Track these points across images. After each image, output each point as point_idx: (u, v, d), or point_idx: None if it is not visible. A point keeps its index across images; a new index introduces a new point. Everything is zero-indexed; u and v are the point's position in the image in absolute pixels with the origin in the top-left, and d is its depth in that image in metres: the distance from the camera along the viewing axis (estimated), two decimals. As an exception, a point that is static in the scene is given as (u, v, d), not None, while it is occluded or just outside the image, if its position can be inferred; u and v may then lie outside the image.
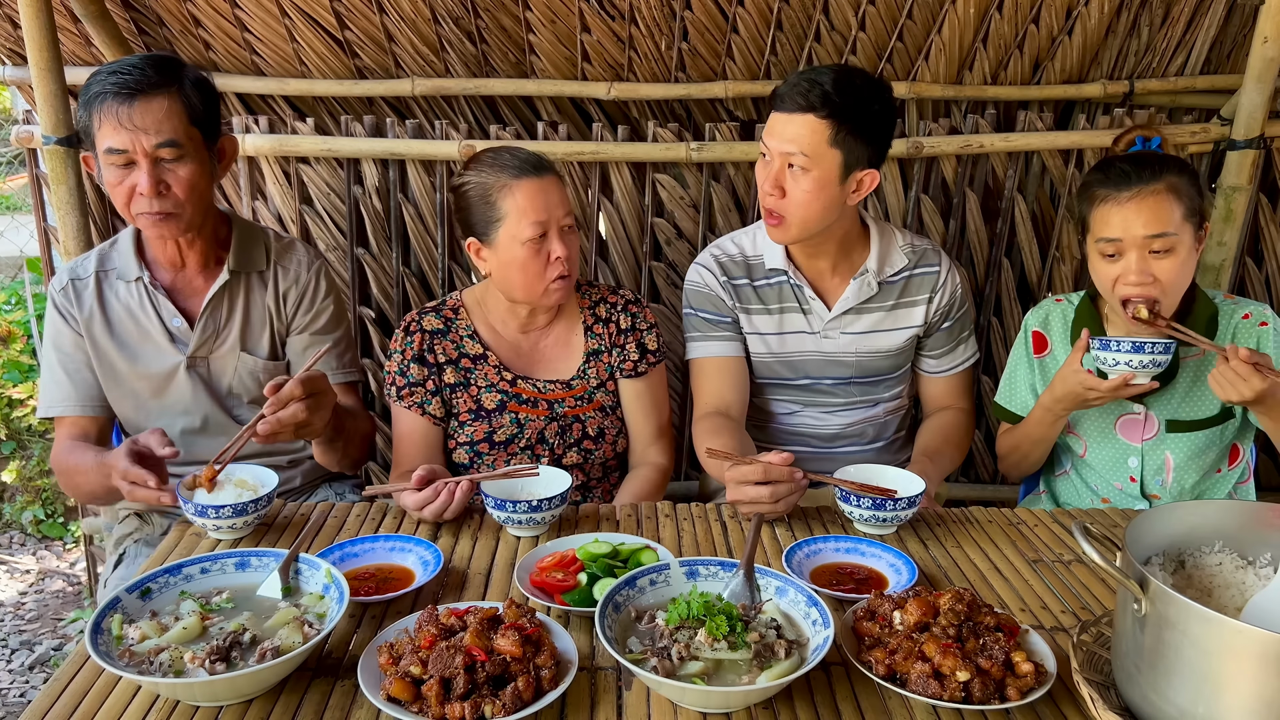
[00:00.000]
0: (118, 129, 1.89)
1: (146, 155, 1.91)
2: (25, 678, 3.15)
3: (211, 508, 1.70)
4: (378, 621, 1.48)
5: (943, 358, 2.29)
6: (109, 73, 1.92)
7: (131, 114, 1.89)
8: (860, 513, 1.78)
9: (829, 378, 2.24)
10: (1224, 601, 1.34)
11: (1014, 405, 2.20)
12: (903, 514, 1.78)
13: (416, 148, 2.83)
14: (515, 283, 2.02)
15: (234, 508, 1.71)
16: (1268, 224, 3.07)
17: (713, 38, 2.83)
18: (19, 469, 4.15)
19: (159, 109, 1.91)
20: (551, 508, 1.75)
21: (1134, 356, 1.84)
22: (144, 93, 1.89)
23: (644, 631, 1.37)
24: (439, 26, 2.78)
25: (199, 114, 1.97)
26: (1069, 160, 2.96)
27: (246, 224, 2.20)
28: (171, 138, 1.91)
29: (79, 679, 1.33)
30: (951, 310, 2.25)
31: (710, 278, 2.22)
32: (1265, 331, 1.99)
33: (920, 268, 2.21)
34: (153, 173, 1.92)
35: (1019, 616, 1.54)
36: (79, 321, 2.10)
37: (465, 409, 2.11)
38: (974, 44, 2.86)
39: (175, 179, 1.94)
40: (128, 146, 1.90)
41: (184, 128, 1.94)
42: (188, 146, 1.94)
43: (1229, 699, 1.12)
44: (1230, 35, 2.95)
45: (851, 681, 1.35)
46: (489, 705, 1.21)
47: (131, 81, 1.89)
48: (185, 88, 1.95)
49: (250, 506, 1.72)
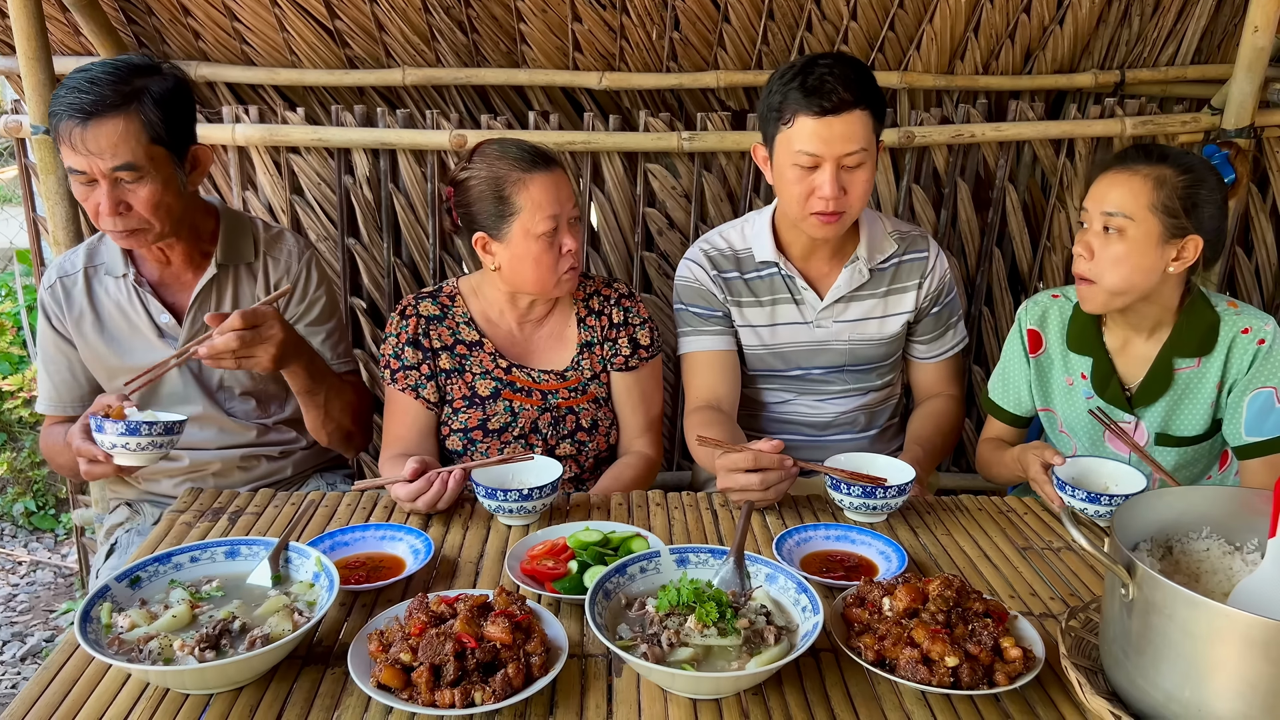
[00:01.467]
0: (74, 151, 1.84)
1: (104, 177, 1.85)
2: (17, 669, 3.14)
3: (108, 422, 1.74)
4: (368, 610, 1.48)
5: (932, 343, 2.29)
6: (70, 88, 1.84)
7: (85, 137, 1.82)
8: (851, 501, 1.78)
9: (820, 367, 2.24)
10: (1211, 587, 1.34)
11: (1007, 402, 2.18)
12: (893, 502, 1.78)
13: (407, 137, 2.83)
14: (528, 276, 2.01)
15: (127, 425, 1.74)
16: (1258, 214, 3.07)
17: (704, 27, 2.82)
18: (10, 461, 4.14)
19: (114, 132, 1.83)
20: (542, 496, 1.75)
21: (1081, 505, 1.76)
22: (98, 115, 1.82)
23: (634, 618, 1.38)
24: (430, 16, 2.77)
25: (160, 132, 1.88)
26: (1060, 150, 2.97)
27: (234, 215, 2.18)
28: (128, 160, 1.85)
29: (68, 668, 1.33)
30: (940, 295, 2.25)
31: (700, 272, 2.22)
32: (1261, 350, 1.90)
33: (910, 253, 2.22)
34: (112, 194, 1.87)
35: (1008, 603, 1.54)
36: (67, 321, 2.10)
37: (459, 395, 2.11)
38: (965, 33, 2.86)
39: (136, 199, 1.89)
40: (85, 169, 1.85)
41: (142, 149, 1.86)
42: (147, 166, 1.87)
43: (1216, 683, 1.13)
44: (1221, 25, 2.95)
45: (841, 667, 1.35)
46: (479, 692, 1.21)
47: (87, 103, 1.82)
48: (145, 105, 1.86)
49: (144, 428, 1.75)
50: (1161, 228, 1.82)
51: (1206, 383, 1.96)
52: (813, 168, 1.96)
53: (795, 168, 1.97)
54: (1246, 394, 1.92)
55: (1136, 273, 1.85)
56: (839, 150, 1.93)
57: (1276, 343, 1.90)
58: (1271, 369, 1.90)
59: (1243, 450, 1.95)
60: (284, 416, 2.25)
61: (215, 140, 2.82)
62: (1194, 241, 1.84)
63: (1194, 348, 1.94)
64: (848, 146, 1.93)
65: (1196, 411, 1.99)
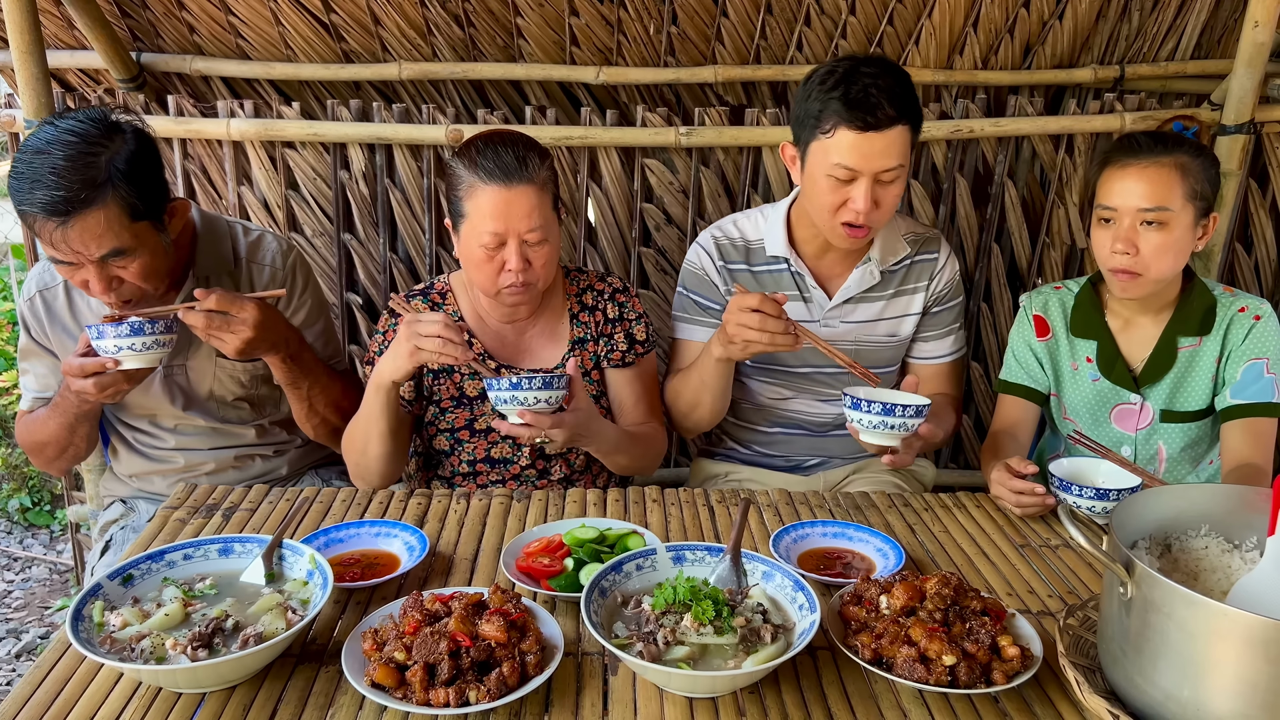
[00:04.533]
0: (55, 248, 1.78)
1: (93, 263, 1.80)
2: (12, 666, 3.14)
3: (110, 326, 1.76)
4: (362, 608, 1.48)
5: (933, 343, 2.28)
6: (32, 180, 1.73)
7: (67, 237, 1.75)
8: (870, 419, 1.77)
9: (829, 366, 2.22)
10: (1210, 585, 1.34)
11: (1022, 378, 2.18)
12: (910, 422, 1.77)
13: (403, 132, 2.81)
14: (472, 277, 2.01)
15: (131, 325, 1.76)
16: (1257, 209, 3.07)
17: (702, 22, 2.81)
18: (4, 456, 4.13)
19: (96, 225, 1.76)
20: (556, 388, 1.78)
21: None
22: (75, 212, 1.73)
23: (630, 616, 1.37)
24: (426, 10, 2.75)
25: (139, 209, 1.81)
26: (1059, 145, 2.96)
27: (210, 222, 2.13)
28: (115, 247, 1.79)
29: (60, 666, 1.32)
30: (946, 296, 2.24)
31: (707, 261, 2.21)
32: (1257, 325, 1.99)
33: (921, 254, 2.22)
34: (101, 275, 1.82)
35: (1005, 601, 1.54)
36: (48, 334, 2.08)
37: (448, 396, 2.10)
38: (964, 28, 2.85)
39: (127, 274, 1.84)
40: (72, 260, 1.80)
41: (127, 231, 1.80)
42: (133, 244, 1.82)
43: (1214, 682, 1.13)
44: (1220, 20, 2.94)
45: (838, 666, 1.35)
46: (474, 691, 1.20)
47: (60, 202, 1.72)
48: (119, 188, 1.77)
49: (147, 326, 1.76)
50: (1195, 211, 1.91)
51: (1207, 358, 2.03)
52: (849, 181, 1.94)
53: (830, 178, 1.94)
54: (1241, 364, 2.00)
55: (1180, 258, 1.94)
56: (877, 166, 1.91)
57: (1270, 319, 2.01)
58: (1265, 342, 1.99)
59: (1226, 413, 2.01)
60: (279, 417, 2.24)
61: (210, 135, 2.80)
62: (1214, 218, 1.95)
63: (1195, 327, 2.02)
64: (887, 162, 1.91)
65: (1199, 387, 2.04)
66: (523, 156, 1.91)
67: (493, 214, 1.88)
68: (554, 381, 1.78)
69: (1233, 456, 1.97)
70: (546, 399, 1.78)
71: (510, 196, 1.88)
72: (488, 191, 1.88)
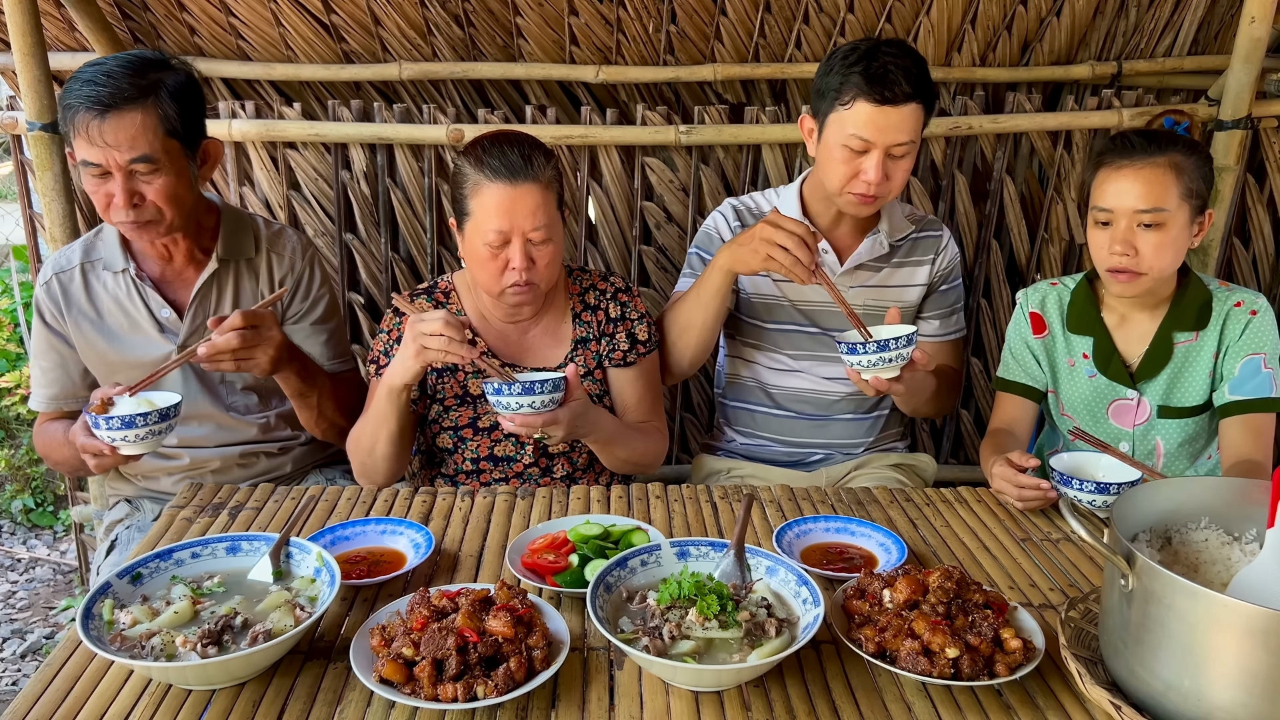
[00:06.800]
0: (90, 144, 1.84)
1: (120, 169, 1.86)
2: (17, 666, 3.14)
3: (103, 419, 1.73)
4: (370, 605, 1.49)
5: (938, 320, 2.35)
6: (84, 80, 1.85)
7: (103, 130, 1.83)
8: (868, 359, 1.82)
9: (837, 328, 2.25)
10: (1210, 577, 1.35)
11: (1019, 375, 2.19)
12: (904, 351, 1.82)
13: (404, 132, 2.82)
14: (476, 276, 2.02)
15: (123, 419, 1.73)
16: (1254, 204, 3.08)
17: (701, 20, 2.82)
18: (8, 458, 4.14)
19: (132, 124, 1.85)
20: (556, 390, 1.78)
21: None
22: (116, 107, 1.83)
23: (635, 611, 1.38)
24: (426, 10, 2.76)
25: (175, 125, 1.90)
26: (1058, 142, 2.97)
27: (234, 211, 2.18)
28: (145, 153, 1.86)
29: (70, 664, 1.33)
30: (950, 275, 2.33)
31: (722, 222, 2.30)
32: (1254, 320, 2.00)
33: (924, 232, 2.32)
34: (127, 185, 1.88)
35: (1008, 594, 1.55)
36: (64, 318, 2.09)
37: (451, 394, 2.11)
38: (962, 25, 2.86)
39: (151, 190, 1.90)
40: (101, 161, 1.86)
41: (159, 141, 1.88)
42: (163, 159, 1.89)
43: (1214, 672, 1.14)
44: (1218, 16, 2.95)
45: (842, 659, 1.36)
46: (481, 686, 1.21)
47: (104, 95, 1.83)
48: (162, 98, 1.88)
49: (140, 420, 1.74)
50: (1190, 209, 1.92)
51: (1204, 353, 2.04)
52: (862, 151, 2.03)
53: (845, 149, 2.04)
54: (1239, 359, 2.01)
55: (1177, 256, 1.96)
56: (891, 139, 2.01)
57: (1267, 314, 2.02)
58: (1262, 337, 2.00)
59: (1224, 409, 2.02)
60: (285, 410, 2.25)
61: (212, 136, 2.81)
62: (1209, 215, 1.97)
63: (1191, 322, 2.03)
64: (899, 137, 2.01)
65: (1196, 382, 2.05)
66: (528, 156, 1.92)
67: (498, 212, 1.89)
68: (554, 385, 1.79)
69: (1232, 453, 1.98)
70: (543, 404, 1.79)
71: (515, 195, 1.90)
72: (493, 190, 1.90)
